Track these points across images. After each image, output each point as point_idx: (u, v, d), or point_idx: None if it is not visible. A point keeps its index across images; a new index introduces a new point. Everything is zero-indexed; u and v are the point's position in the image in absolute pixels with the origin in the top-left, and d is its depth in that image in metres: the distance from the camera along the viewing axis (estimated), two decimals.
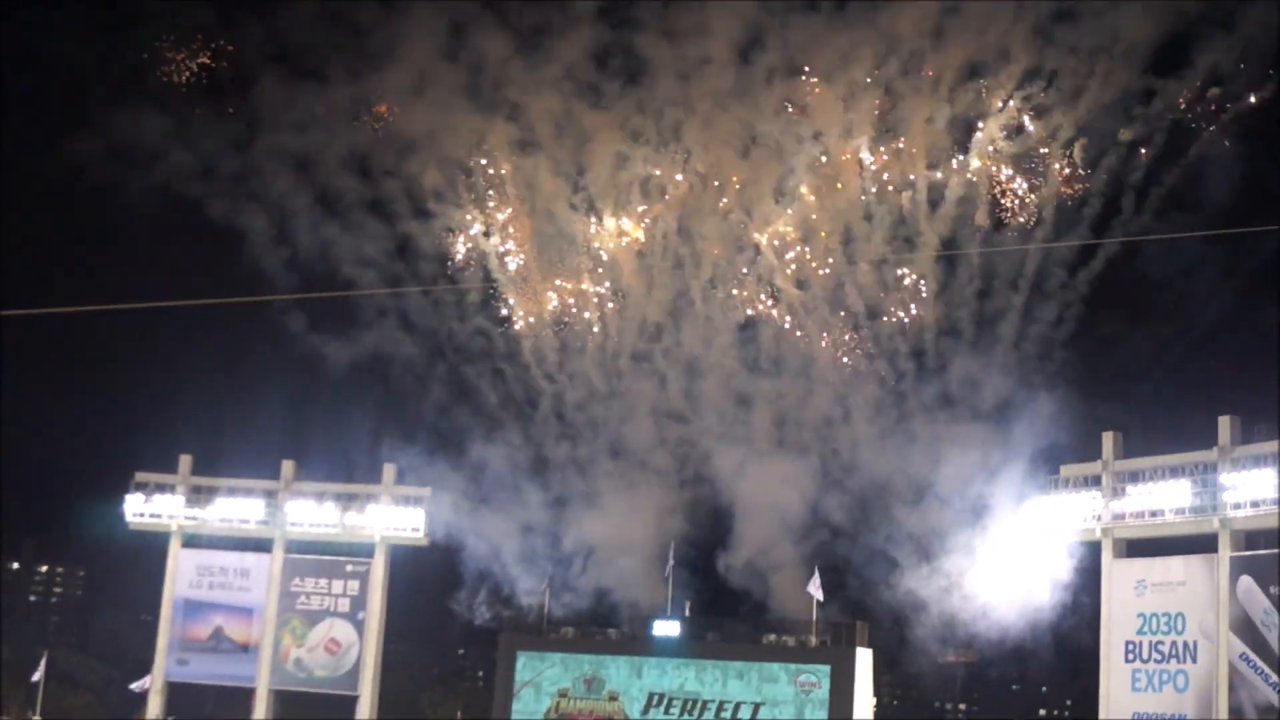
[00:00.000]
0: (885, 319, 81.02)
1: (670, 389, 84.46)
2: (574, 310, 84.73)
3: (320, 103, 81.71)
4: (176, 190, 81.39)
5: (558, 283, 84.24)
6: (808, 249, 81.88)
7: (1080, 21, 73.49)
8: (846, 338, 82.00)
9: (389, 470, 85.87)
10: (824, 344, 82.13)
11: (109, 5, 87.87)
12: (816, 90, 78.14)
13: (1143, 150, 74.60)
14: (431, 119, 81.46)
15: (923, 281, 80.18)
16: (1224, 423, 68.36)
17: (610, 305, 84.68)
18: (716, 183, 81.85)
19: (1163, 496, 70.04)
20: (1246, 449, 67.57)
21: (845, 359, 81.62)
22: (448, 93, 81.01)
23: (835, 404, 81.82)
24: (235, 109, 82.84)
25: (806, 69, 77.91)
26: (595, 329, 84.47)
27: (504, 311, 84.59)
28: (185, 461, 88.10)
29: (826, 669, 74.86)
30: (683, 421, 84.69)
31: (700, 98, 79.50)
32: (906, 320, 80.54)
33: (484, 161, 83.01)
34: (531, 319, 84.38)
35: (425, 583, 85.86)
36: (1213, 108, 72.32)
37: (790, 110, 78.88)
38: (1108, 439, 72.54)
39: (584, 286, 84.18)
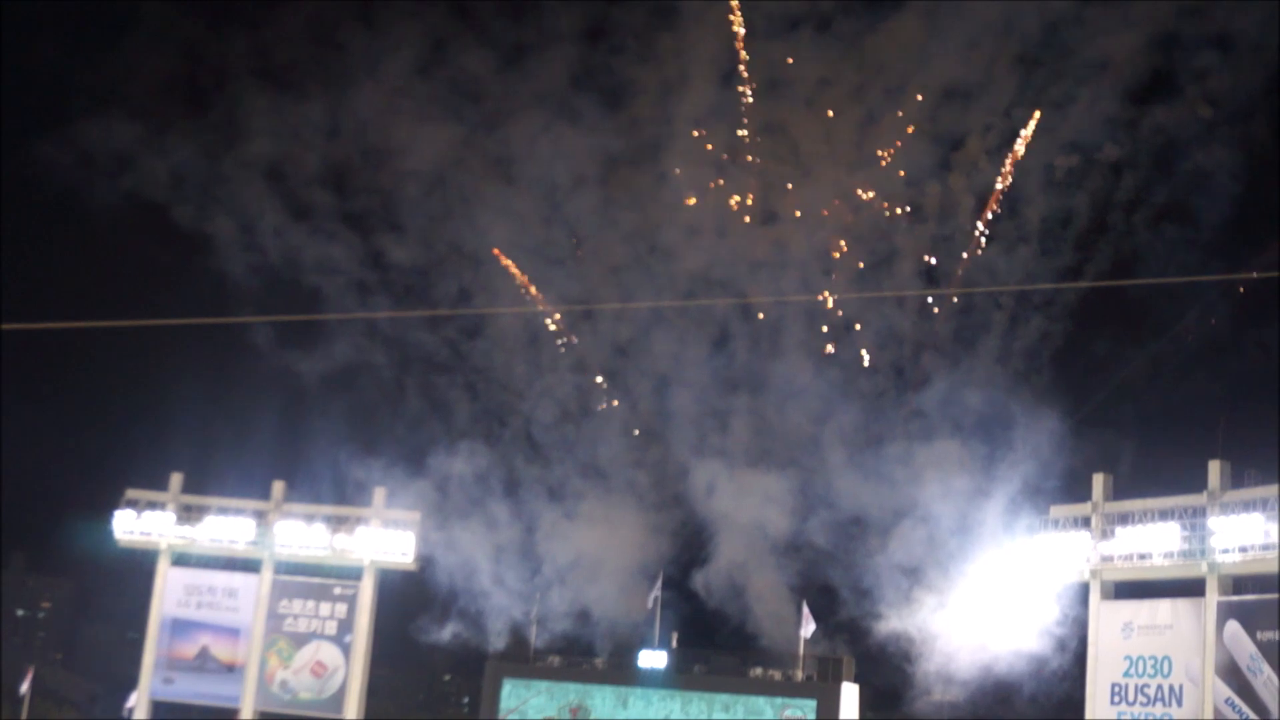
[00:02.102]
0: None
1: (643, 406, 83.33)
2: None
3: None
4: (148, 197, 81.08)
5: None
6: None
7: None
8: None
9: (379, 493, 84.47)
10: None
11: (95, 11, 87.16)
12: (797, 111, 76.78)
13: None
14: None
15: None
16: (1214, 467, 66.50)
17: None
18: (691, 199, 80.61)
19: (1151, 539, 68.19)
20: (1236, 494, 65.75)
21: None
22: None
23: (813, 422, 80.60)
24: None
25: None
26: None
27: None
28: (176, 479, 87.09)
29: (813, 704, 73.72)
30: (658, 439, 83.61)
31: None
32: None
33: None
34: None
35: (413, 607, 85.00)
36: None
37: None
38: (1098, 480, 70.72)
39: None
